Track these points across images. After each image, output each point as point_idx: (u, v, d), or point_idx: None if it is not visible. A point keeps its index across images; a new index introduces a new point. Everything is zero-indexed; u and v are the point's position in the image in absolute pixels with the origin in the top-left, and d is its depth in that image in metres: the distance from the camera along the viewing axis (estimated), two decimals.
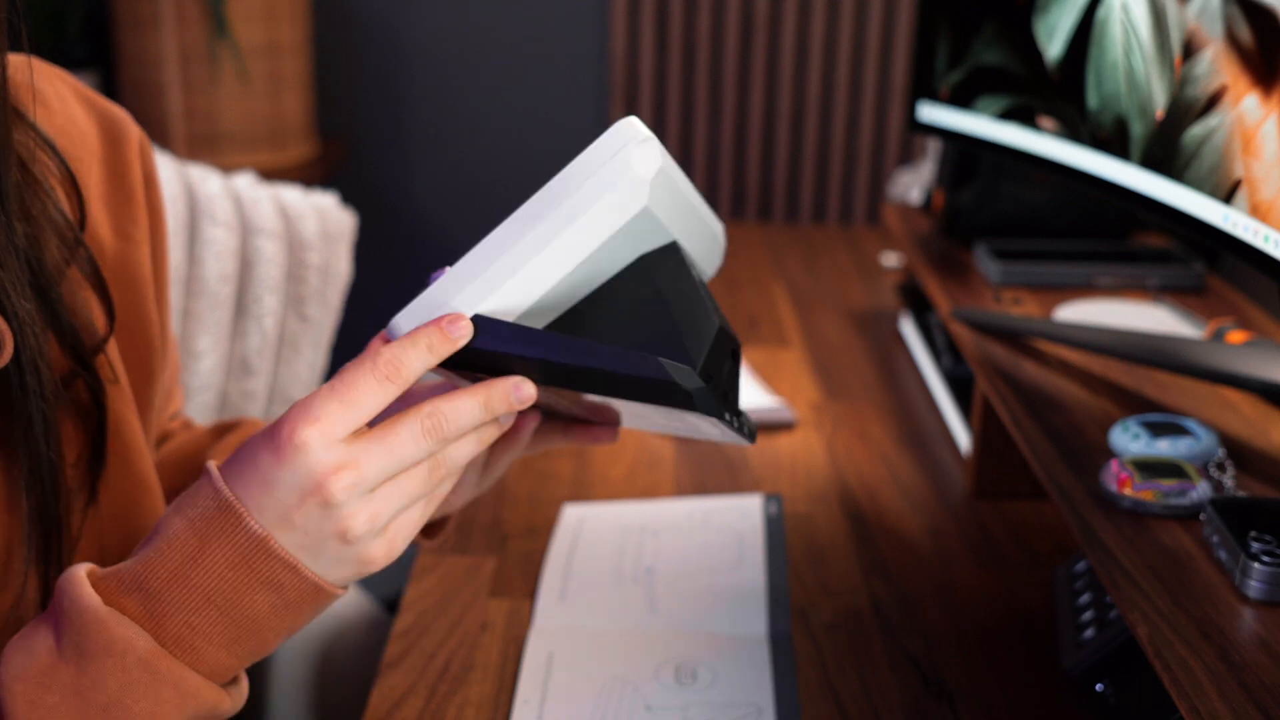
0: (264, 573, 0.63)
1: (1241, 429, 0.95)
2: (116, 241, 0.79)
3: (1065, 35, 1.11)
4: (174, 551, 0.63)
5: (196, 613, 0.63)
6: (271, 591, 0.64)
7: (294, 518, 0.63)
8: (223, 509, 0.63)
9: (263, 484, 0.63)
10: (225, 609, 0.63)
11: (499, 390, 0.66)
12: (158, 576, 0.63)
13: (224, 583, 0.63)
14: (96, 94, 0.83)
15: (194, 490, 0.64)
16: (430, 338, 0.64)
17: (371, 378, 0.63)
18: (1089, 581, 0.95)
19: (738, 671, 0.90)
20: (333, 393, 0.63)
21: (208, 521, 0.63)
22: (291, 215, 1.53)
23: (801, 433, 1.31)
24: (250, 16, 2.27)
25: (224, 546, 0.63)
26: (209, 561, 0.63)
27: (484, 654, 0.93)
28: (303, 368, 1.56)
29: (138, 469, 0.77)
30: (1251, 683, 0.65)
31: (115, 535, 0.75)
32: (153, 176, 0.84)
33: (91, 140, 0.80)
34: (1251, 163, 0.86)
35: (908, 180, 1.86)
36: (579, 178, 0.66)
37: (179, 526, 0.63)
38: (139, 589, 0.63)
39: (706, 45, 2.53)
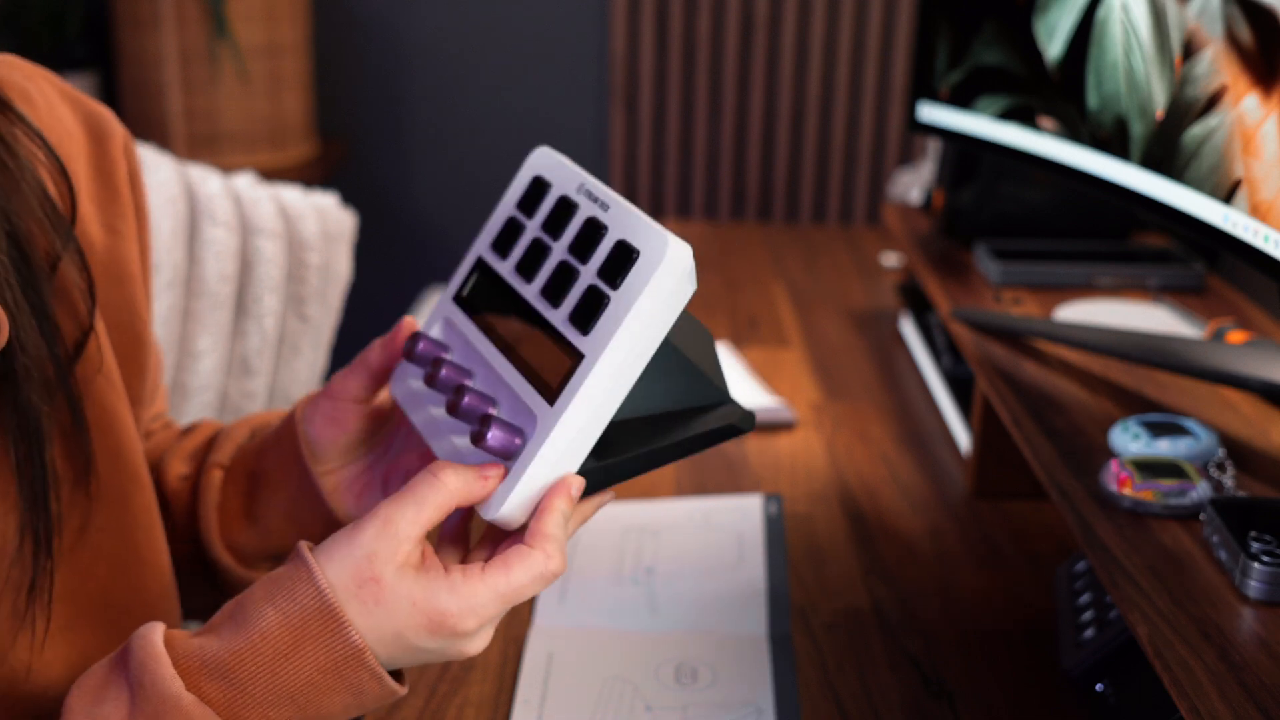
0: (351, 680, 0.64)
1: (1241, 429, 0.95)
2: (106, 236, 0.80)
3: (1065, 35, 1.11)
4: (267, 646, 0.63)
5: (275, 708, 0.63)
6: (351, 695, 0.65)
7: (422, 655, 0.66)
8: (324, 613, 0.63)
9: (407, 647, 0.64)
10: (303, 707, 0.64)
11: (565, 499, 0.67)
12: (245, 668, 0.63)
13: (309, 684, 0.64)
14: (80, 93, 0.84)
15: (289, 581, 0.64)
16: (564, 509, 0.66)
17: (539, 580, 0.65)
18: (1089, 581, 0.95)
19: (738, 671, 0.90)
20: (497, 594, 0.64)
21: (306, 622, 0.63)
22: (291, 215, 1.53)
23: (801, 433, 1.31)
24: (250, 16, 2.27)
25: (319, 651, 0.63)
26: (300, 661, 0.63)
27: (484, 654, 0.93)
28: (303, 368, 1.56)
29: (129, 462, 0.77)
30: (1251, 683, 0.65)
31: (106, 527, 0.75)
32: (137, 174, 0.84)
33: (78, 138, 0.80)
34: (1251, 163, 0.86)
35: (908, 180, 1.86)
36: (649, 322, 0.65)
37: (273, 621, 0.63)
38: (224, 677, 0.63)
39: (706, 45, 2.53)
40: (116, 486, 0.76)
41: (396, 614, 0.64)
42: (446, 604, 0.64)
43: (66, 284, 0.74)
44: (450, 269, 2.71)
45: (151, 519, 0.78)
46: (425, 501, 0.64)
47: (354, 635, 0.63)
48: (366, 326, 2.55)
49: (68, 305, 0.74)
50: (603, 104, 2.64)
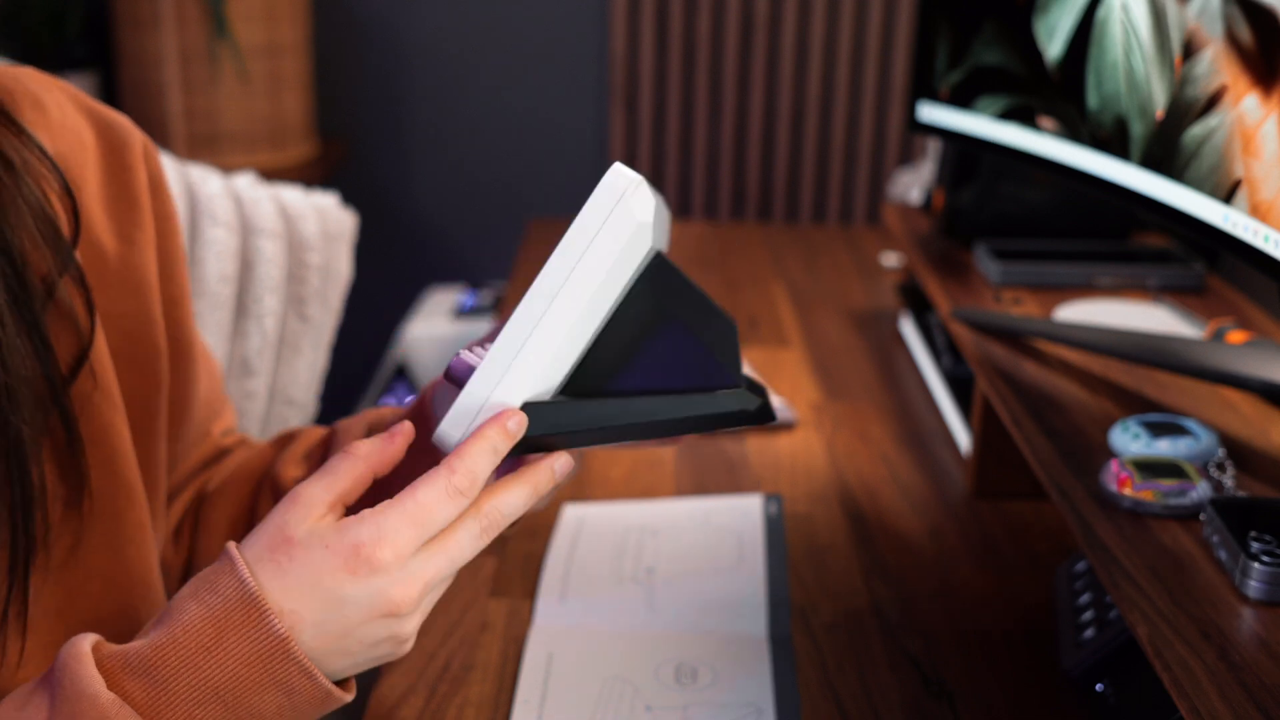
0: (279, 674, 0.62)
1: (1241, 429, 0.95)
2: (118, 244, 0.79)
3: (1065, 35, 1.11)
4: (188, 639, 0.61)
5: (201, 706, 0.61)
6: (282, 694, 0.62)
7: (354, 631, 0.63)
8: (246, 602, 0.61)
9: (329, 600, 0.62)
10: (231, 706, 0.62)
11: (543, 474, 0.67)
12: (168, 664, 0.61)
13: (235, 679, 0.61)
14: (99, 103, 0.83)
15: (212, 575, 0.63)
16: (493, 439, 0.64)
17: (444, 495, 0.63)
18: (1089, 581, 0.95)
19: (738, 671, 0.90)
20: (405, 514, 0.63)
21: (228, 613, 0.61)
22: (292, 215, 1.53)
23: (801, 433, 1.31)
24: (250, 16, 2.27)
25: (242, 642, 0.61)
26: (223, 655, 0.61)
27: (484, 654, 0.93)
28: (303, 368, 1.56)
29: (124, 478, 0.76)
30: (1251, 683, 0.65)
31: (99, 544, 0.74)
32: (160, 182, 0.84)
33: (89, 147, 0.80)
34: (1251, 163, 0.86)
35: (908, 180, 1.86)
36: (584, 240, 0.66)
37: (194, 613, 0.62)
38: (145, 674, 0.61)
39: (706, 45, 2.53)
40: (109, 503, 0.75)
41: (310, 563, 0.62)
42: (358, 534, 0.62)
43: (66, 302, 0.73)
44: (450, 269, 2.72)
45: (144, 535, 0.77)
46: (335, 471, 0.65)
47: (277, 624, 0.61)
48: (366, 327, 2.56)
49: (67, 323, 0.73)
50: (603, 104, 2.64)
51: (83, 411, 0.74)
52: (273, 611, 0.61)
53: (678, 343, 0.69)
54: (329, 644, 0.63)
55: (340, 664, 0.64)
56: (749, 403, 0.70)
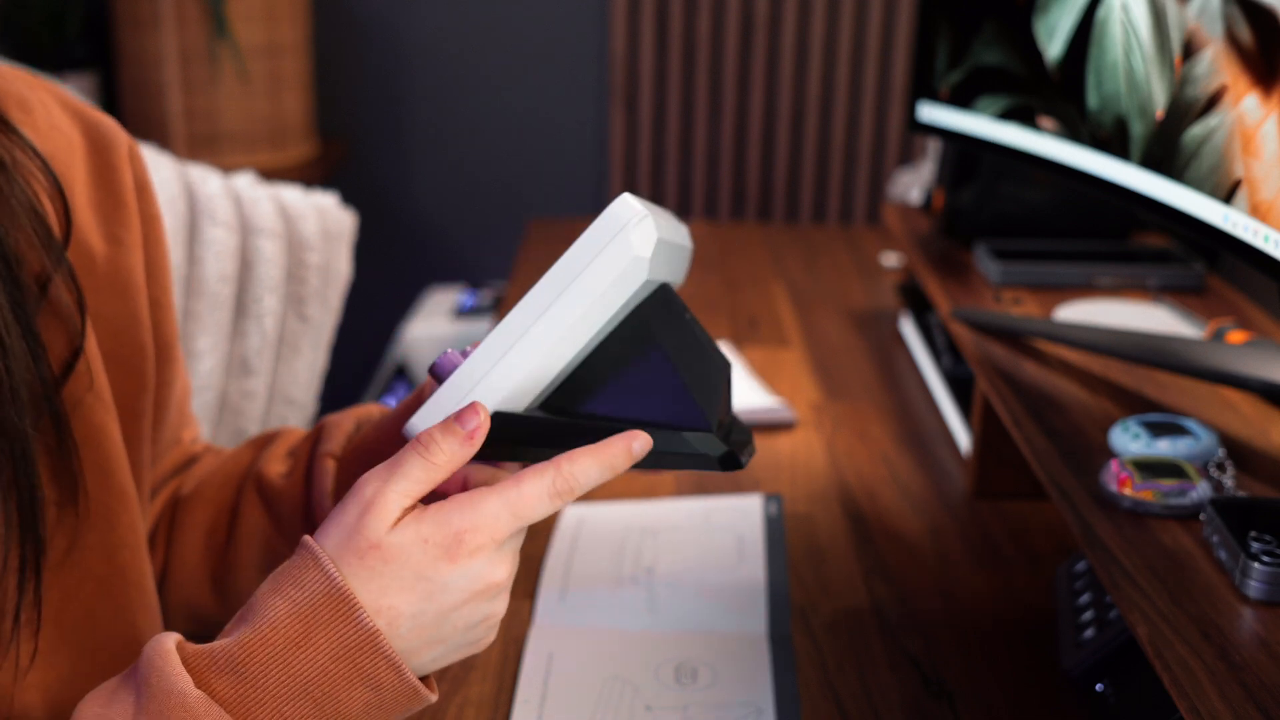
0: (366, 669, 0.62)
1: (1241, 429, 0.95)
2: (106, 246, 0.79)
3: (1065, 35, 1.11)
4: (276, 636, 0.61)
5: (291, 703, 0.61)
6: (370, 690, 0.62)
7: (449, 617, 0.63)
8: (334, 597, 0.61)
9: (430, 589, 0.62)
10: (320, 702, 0.61)
11: (619, 451, 0.66)
12: (256, 660, 0.61)
13: (324, 675, 0.61)
14: (83, 103, 0.83)
15: (296, 571, 0.63)
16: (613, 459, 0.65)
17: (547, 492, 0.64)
18: (1089, 581, 0.95)
19: (738, 671, 0.90)
20: (507, 504, 0.63)
21: (315, 608, 0.61)
22: (291, 215, 1.53)
23: (801, 433, 1.31)
24: (250, 16, 2.27)
25: (330, 637, 0.61)
26: (312, 650, 0.61)
27: (484, 654, 0.93)
28: (303, 368, 1.56)
29: (117, 480, 0.76)
30: (1251, 683, 0.65)
31: (93, 546, 0.74)
32: (145, 184, 0.84)
33: (76, 148, 0.79)
34: (1251, 163, 0.86)
35: (908, 180, 1.86)
36: (579, 264, 0.67)
37: (281, 610, 0.62)
38: (234, 671, 0.61)
39: (706, 45, 2.53)
40: (103, 505, 0.75)
41: (408, 561, 0.62)
42: (458, 523, 0.62)
43: (58, 302, 0.73)
44: (450, 269, 2.72)
45: (137, 538, 0.77)
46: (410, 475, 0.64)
47: (366, 618, 0.61)
48: (366, 326, 2.56)
49: (59, 323, 0.73)
50: (603, 104, 2.64)
51: (76, 414, 0.73)
52: (361, 606, 0.61)
53: (657, 375, 0.70)
54: (424, 635, 0.63)
55: (432, 654, 0.64)
56: (713, 448, 0.69)
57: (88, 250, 0.77)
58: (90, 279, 0.77)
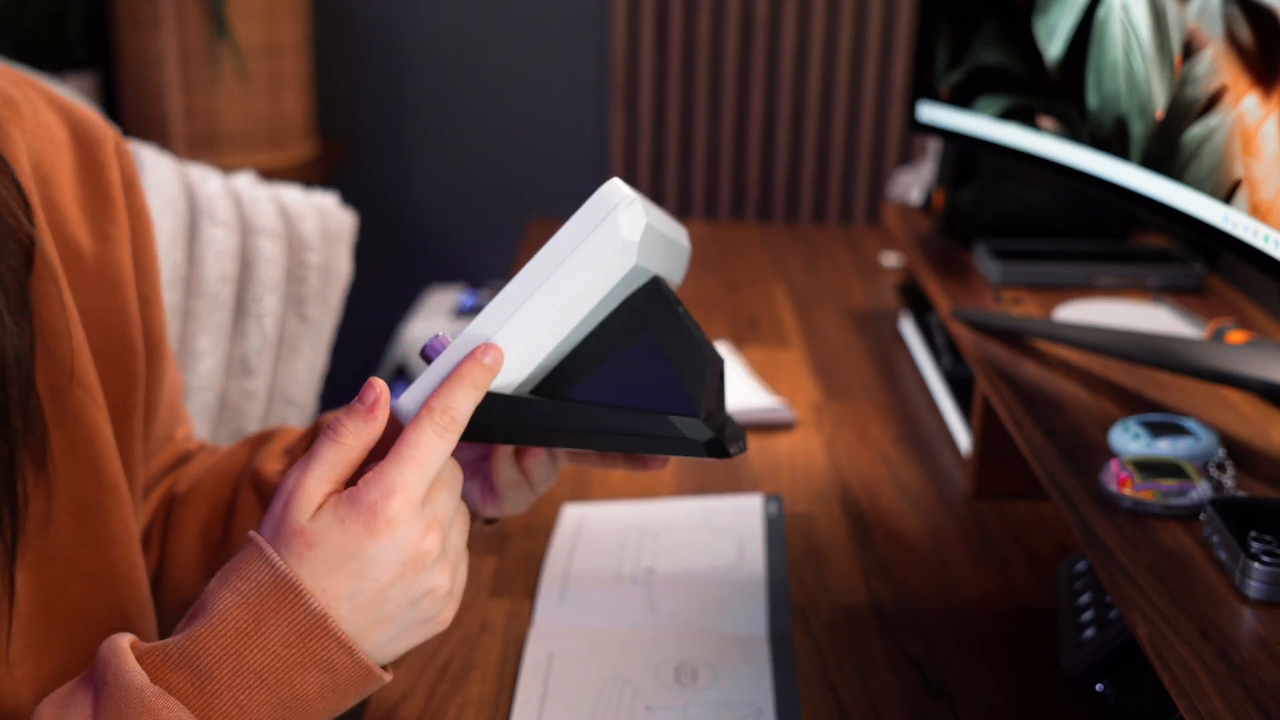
0: (318, 652, 0.63)
1: (1241, 429, 0.95)
2: (95, 242, 0.78)
3: (1065, 35, 1.11)
4: (227, 628, 0.62)
5: (246, 692, 0.62)
6: (323, 672, 0.63)
7: (388, 593, 0.64)
8: (280, 585, 0.63)
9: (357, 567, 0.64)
10: (275, 688, 0.62)
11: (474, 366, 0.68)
12: (209, 653, 0.62)
13: (277, 661, 0.62)
14: (68, 99, 0.83)
15: (241, 564, 0.64)
16: (473, 375, 0.67)
17: (431, 433, 0.65)
18: (1089, 581, 0.95)
19: (738, 671, 0.90)
20: (405, 462, 0.64)
21: (263, 597, 0.63)
22: (291, 215, 1.53)
23: (801, 433, 1.31)
24: (250, 16, 2.27)
25: (280, 624, 0.62)
26: (263, 639, 0.62)
27: (484, 654, 0.93)
28: (303, 368, 1.56)
29: (108, 476, 0.75)
30: (1251, 683, 0.65)
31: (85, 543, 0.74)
32: (133, 179, 0.83)
33: (62, 145, 0.79)
34: (1251, 163, 0.86)
35: (908, 180, 1.86)
36: (569, 245, 0.69)
37: (230, 602, 0.63)
38: (188, 665, 0.62)
39: (706, 45, 2.53)
40: (95, 502, 0.75)
41: (330, 543, 0.63)
42: (368, 496, 0.64)
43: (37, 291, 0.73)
44: (450, 269, 2.72)
45: (129, 534, 0.77)
46: (325, 459, 0.66)
47: (313, 602, 0.62)
48: (366, 326, 2.56)
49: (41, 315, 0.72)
50: (603, 104, 2.64)
51: (67, 411, 0.73)
52: (307, 591, 0.63)
53: (647, 364, 0.71)
54: (367, 615, 0.64)
55: (383, 635, 0.65)
56: (699, 433, 0.70)
57: (75, 247, 0.77)
58: (79, 275, 0.76)
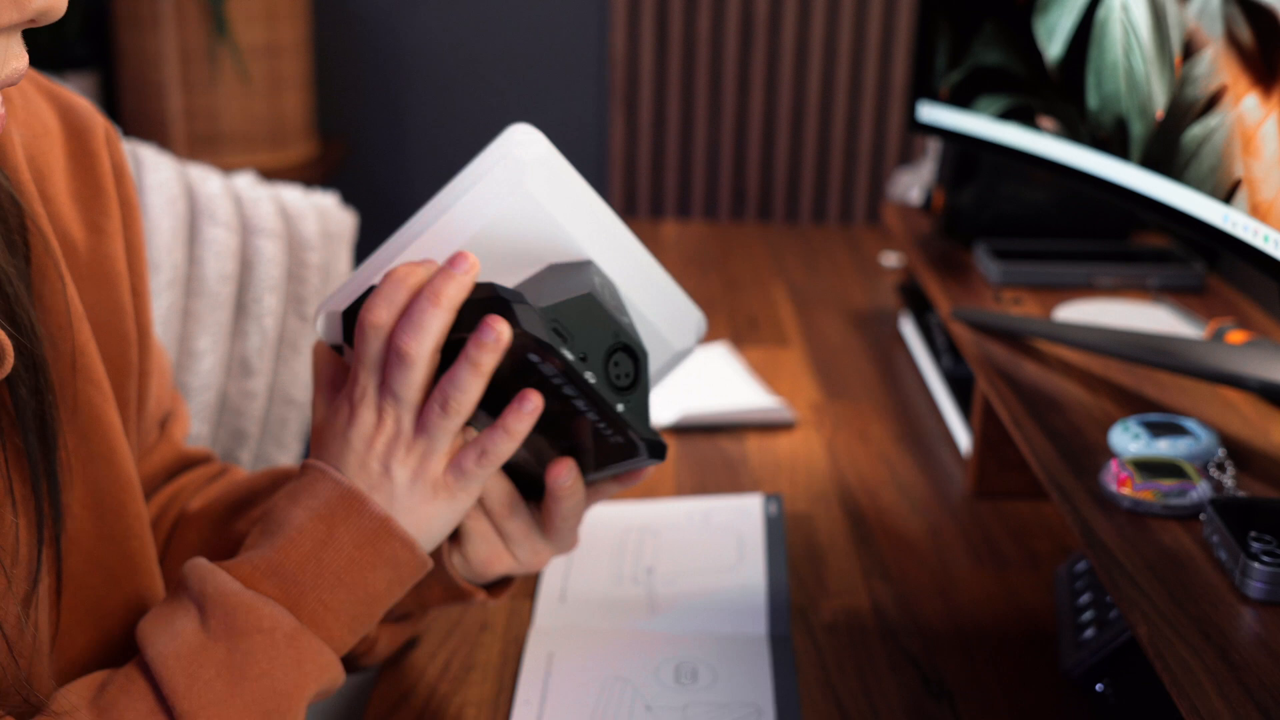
0: (386, 551, 0.71)
1: (1241, 429, 0.95)
2: (89, 235, 0.78)
3: (1065, 35, 1.11)
4: (304, 538, 0.70)
5: (329, 591, 0.70)
6: (390, 568, 0.72)
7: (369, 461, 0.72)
8: (346, 496, 0.71)
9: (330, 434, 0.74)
10: (352, 587, 0.71)
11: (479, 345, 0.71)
12: (291, 560, 0.70)
13: (351, 563, 0.71)
14: (60, 87, 0.81)
15: (308, 484, 0.73)
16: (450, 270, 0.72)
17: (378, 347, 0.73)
18: (1089, 581, 0.95)
19: (738, 671, 0.90)
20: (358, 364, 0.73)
21: (332, 509, 0.71)
22: (292, 215, 1.53)
23: (801, 433, 1.31)
24: (250, 16, 2.27)
25: (350, 529, 0.71)
26: (338, 544, 0.70)
27: (484, 654, 0.93)
28: (303, 368, 1.56)
29: (122, 470, 0.75)
30: (1251, 683, 0.65)
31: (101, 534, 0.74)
32: (122, 168, 0.82)
33: (55, 134, 0.78)
34: (1251, 163, 0.86)
35: (908, 180, 1.86)
36: (466, 173, 0.73)
37: (303, 517, 0.71)
38: (275, 574, 0.70)
39: (706, 45, 2.53)
40: (112, 496, 0.75)
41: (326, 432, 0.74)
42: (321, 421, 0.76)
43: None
44: None
45: (142, 526, 0.77)
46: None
47: (377, 508, 0.71)
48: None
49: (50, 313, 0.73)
50: (603, 104, 2.64)
51: (77, 407, 0.73)
52: (370, 500, 0.71)
53: None
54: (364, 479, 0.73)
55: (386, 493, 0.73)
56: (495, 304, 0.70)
57: (70, 240, 0.76)
58: (74, 269, 0.76)
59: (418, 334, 0.70)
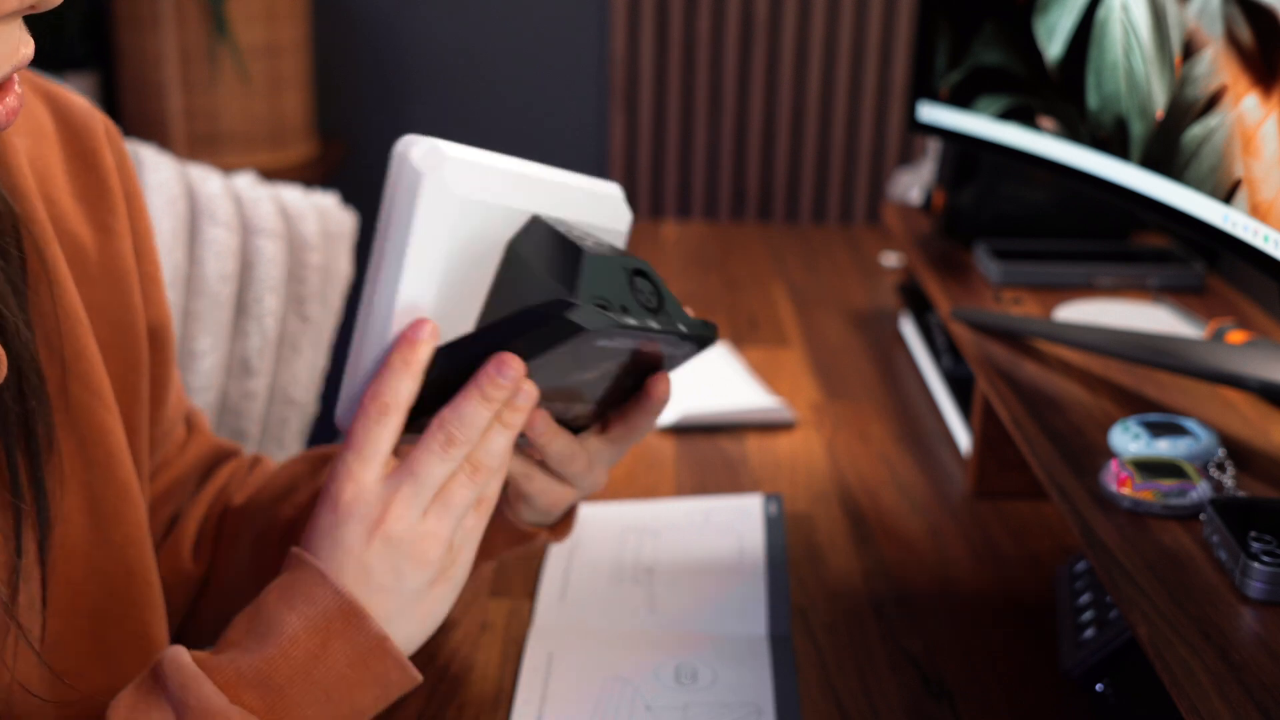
0: (378, 671, 0.68)
1: (1241, 429, 0.95)
2: (97, 235, 0.77)
3: (1065, 35, 1.11)
4: (297, 650, 0.67)
5: (314, 707, 0.67)
6: (380, 688, 0.69)
7: (368, 563, 0.69)
8: (345, 611, 0.68)
9: (332, 545, 0.69)
10: (338, 703, 0.67)
11: (487, 377, 0.70)
12: (280, 674, 0.66)
13: (342, 680, 0.67)
14: (57, 86, 0.80)
15: (303, 586, 0.68)
16: (402, 355, 0.70)
17: (368, 421, 0.69)
18: (1089, 581, 0.95)
19: (738, 671, 0.90)
20: (346, 448, 0.70)
21: (329, 621, 0.67)
22: (292, 215, 1.53)
23: (801, 433, 1.31)
24: (250, 16, 2.27)
25: (345, 646, 0.67)
26: (330, 660, 0.67)
27: (484, 654, 0.93)
28: (303, 368, 1.56)
29: (119, 477, 0.75)
30: (1251, 683, 0.65)
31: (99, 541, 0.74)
32: (125, 162, 0.82)
33: (51, 135, 0.77)
34: (1251, 163, 0.86)
35: (908, 180, 1.86)
36: (389, 213, 0.71)
37: (297, 626, 0.67)
38: (262, 685, 0.66)
39: (706, 45, 2.53)
40: (109, 504, 0.74)
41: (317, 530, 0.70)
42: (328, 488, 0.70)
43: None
44: None
45: (141, 534, 0.77)
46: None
47: (375, 626, 0.67)
48: None
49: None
50: (603, 104, 2.64)
51: (73, 413, 0.73)
52: (369, 615, 0.68)
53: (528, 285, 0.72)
54: (361, 584, 0.69)
55: (388, 608, 0.70)
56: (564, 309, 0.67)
57: (77, 242, 0.76)
58: (83, 271, 0.75)
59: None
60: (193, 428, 0.93)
